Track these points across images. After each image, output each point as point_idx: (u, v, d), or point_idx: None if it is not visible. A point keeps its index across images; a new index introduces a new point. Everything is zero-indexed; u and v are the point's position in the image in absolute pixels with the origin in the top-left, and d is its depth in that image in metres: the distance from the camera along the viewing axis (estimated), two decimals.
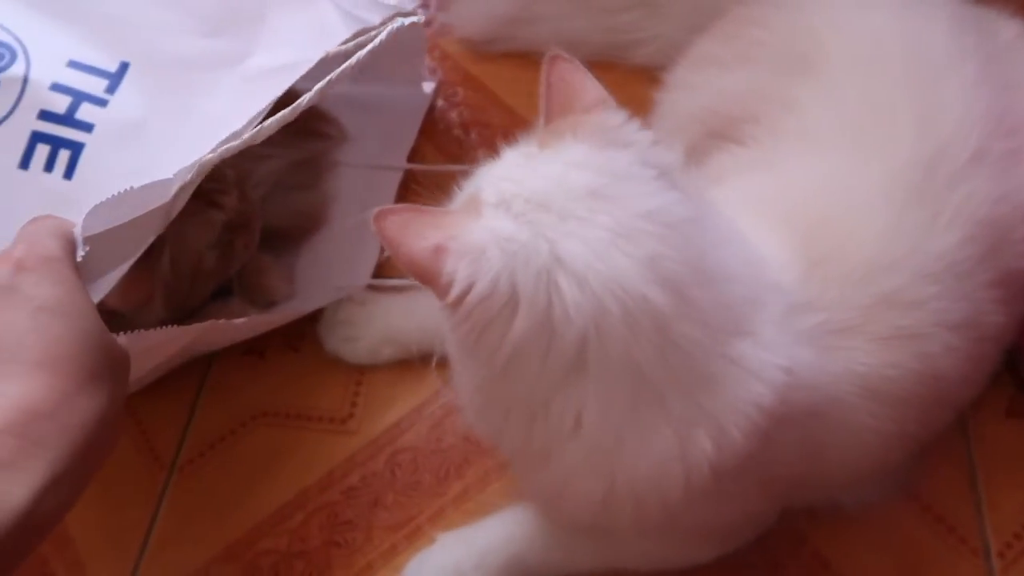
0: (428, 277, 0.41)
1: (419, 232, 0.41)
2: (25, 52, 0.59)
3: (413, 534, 0.65)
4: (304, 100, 0.61)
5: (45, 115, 0.57)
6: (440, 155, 0.87)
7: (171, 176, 0.54)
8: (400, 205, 0.43)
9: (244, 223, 0.69)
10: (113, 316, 0.65)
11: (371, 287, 0.77)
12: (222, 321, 0.63)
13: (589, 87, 0.47)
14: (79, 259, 0.46)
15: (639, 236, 0.42)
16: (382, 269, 0.78)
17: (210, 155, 0.55)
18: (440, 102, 0.91)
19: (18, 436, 0.39)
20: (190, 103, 0.62)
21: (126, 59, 0.62)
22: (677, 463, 0.44)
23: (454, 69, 0.96)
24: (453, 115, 0.92)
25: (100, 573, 0.66)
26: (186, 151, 0.59)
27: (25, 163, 0.57)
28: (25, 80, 0.58)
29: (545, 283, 0.41)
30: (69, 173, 0.57)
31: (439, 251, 0.41)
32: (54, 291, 0.42)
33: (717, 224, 0.47)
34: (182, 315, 0.69)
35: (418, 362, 0.73)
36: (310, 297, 0.76)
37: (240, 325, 0.66)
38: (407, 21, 0.70)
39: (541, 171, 0.44)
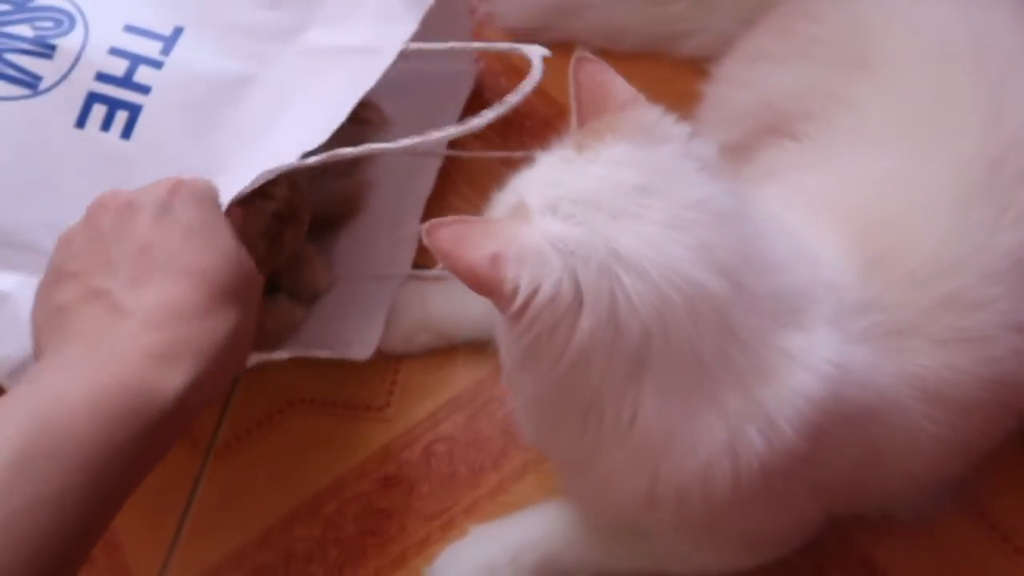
0: (489, 287, 0.41)
1: (474, 243, 0.41)
2: (84, 18, 0.60)
3: (447, 525, 0.65)
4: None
5: (102, 77, 0.59)
6: (480, 143, 0.86)
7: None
8: (450, 218, 0.42)
9: (293, 213, 0.69)
10: None
11: (424, 265, 0.76)
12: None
13: (619, 86, 0.47)
14: None
15: (689, 226, 0.42)
16: (420, 258, 0.77)
17: (284, 165, 0.56)
18: (483, 91, 0.91)
19: (171, 332, 0.44)
20: (244, 70, 0.63)
21: (180, 24, 0.62)
22: (726, 459, 0.43)
23: (497, 58, 0.95)
24: (493, 100, 0.91)
25: (136, 554, 0.67)
26: (242, 116, 0.61)
27: (81, 122, 0.58)
28: (83, 45, 0.59)
29: (607, 279, 0.41)
30: (127, 133, 0.59)
31: (497, 259, 0.40)
32: (200, 214, 0.48)
33: (762, 216, 0.47)
34: None
35: (456, 352, 0.72)
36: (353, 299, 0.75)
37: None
38: None
39: (584, 172, 0.44)
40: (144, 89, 0.59)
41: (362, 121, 0.82)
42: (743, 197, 0.46)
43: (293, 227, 0.69)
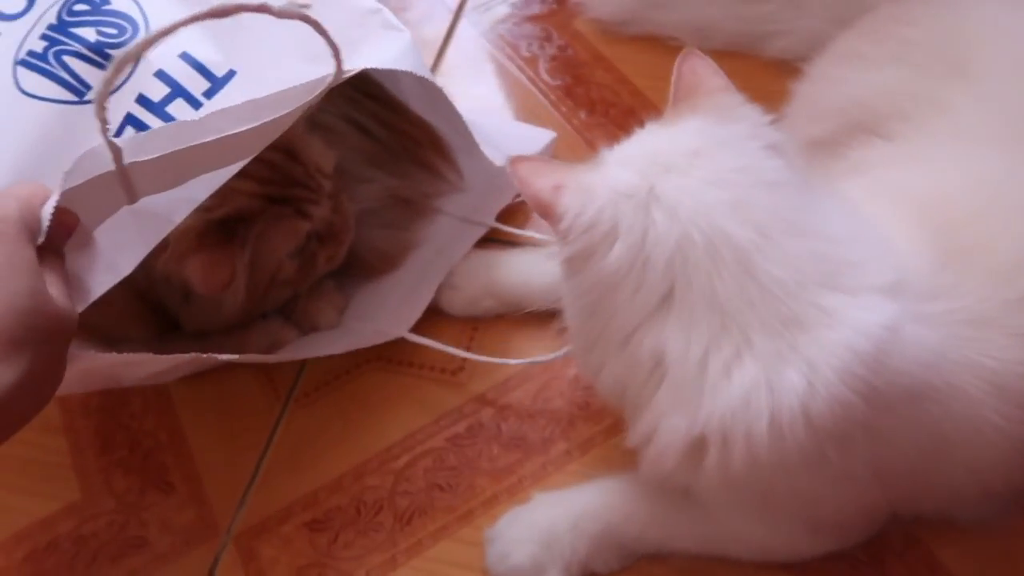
0: (545, 209, 0.49)
1: (545, 174, 0.49)
2: (147, 29, 0.58)
3: (514, 487, 0.67)
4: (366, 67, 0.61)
5: (141, 100, 0.56)
6: (568, 119, 0.88)
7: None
8: (534, 155, 0.51)
9: (332, 235, 0.69)
10: (193, 298, 0.67)
11: (488, 235, 0.79)
12: (205, 356, 0.61)
13: (715, 77, 0.53)
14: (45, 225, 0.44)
15: (729, 184, 0.47)
16: (502, 217, 0.80)
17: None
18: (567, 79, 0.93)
19: None
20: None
21: (235, 68, 0.59)
22: (763, 394, 0.45)
23: (585, 49, 0.97)
24: (580, 91, 0.93)
25: (215, 488, 0.70)
26: None
27: None
28: (137, 60, 0.56)
29: (642, 215, 0.47)
30: None
31: (557, 189, 0.49)
32: None
33: (827, 198, 0.51)
34: (251, 317, 0.71)
35: (529, 322, 0.74)
36: (339, 338, 0.74)
37: (225, 359, 0.63)
38: None
39: (656, 138, 0.51)
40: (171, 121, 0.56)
41: (438, 175, 0.83)
42: (806, 179, 0.50)
43: (330, 248, 0.70)
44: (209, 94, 0.58)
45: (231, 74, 0.59)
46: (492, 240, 0.80)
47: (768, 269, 0.45)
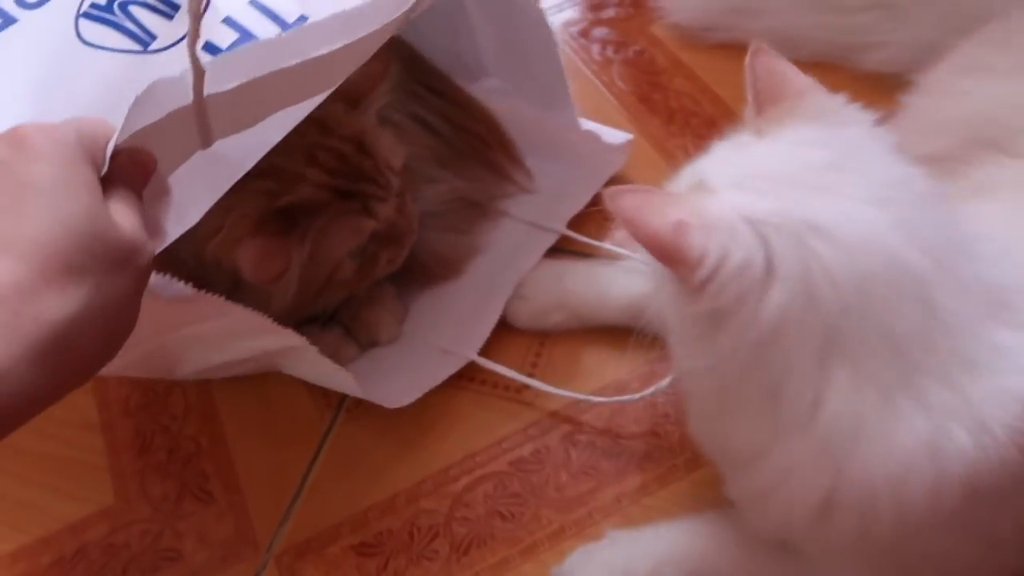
0: (672, 254, 0.39)
1: (657, 210, 0.40)
2: None
3: (583, 521, 0.61)
4: None
5: (208, 47, 0.53)
6: (639, 132, 0.83)
7: None
8: (633, 185, 0.41)
9: (395, 237, 0.65)
10: (242, 289, 0.61)
11: (560, 244, 0.73)
12: (284, 330, 0.55)
13: (797, 75, 0.47)
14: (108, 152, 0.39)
15: (889, 203, 0.40)
16: (573, 225, 0.74)
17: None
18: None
19: None
20: None
21: (307, 13, 0.56)
22: (926, 460, 0.39)
23: (663, 54, 0.92)
24: (657, 98, 0.88)
25: (256, 501, 0.65)
26: None
27: None
28: (206, 8, 0.53)
29: (802, 248, 0.39)
30: None
31: (681, 227, 0.39)
32: (44, 170, 0.36)
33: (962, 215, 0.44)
34: (299, 317, 0.65)
35: (602, 338, 0.69)
36: (402, 365, 0.69)
37: (299, 343, 0.58)
38: None
39: (768, 153, 0.44)
40: None
41: (506, 178, 0.78)
42: (940, 187, 0.44)
43: (391, 251, 0.65)
44: None
45: (302, 19, 0.56)
46: (562, 250, 0.74)
47: (945, 301, 0.39)
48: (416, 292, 0.74)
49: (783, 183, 0.41)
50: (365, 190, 0.62)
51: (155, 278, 0.45)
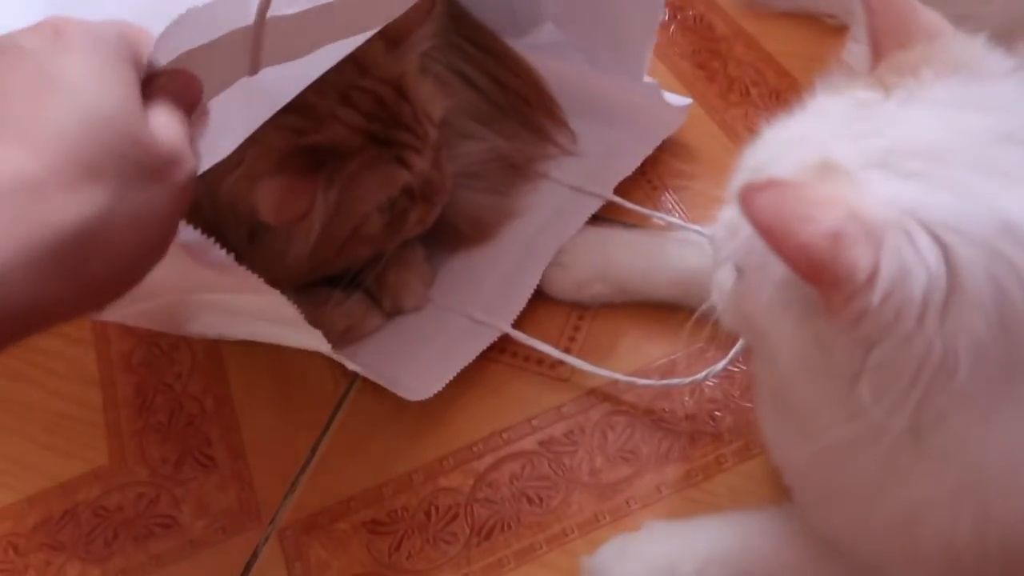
0: (826, 272, 0.30)
1: (804, 214, 0.31)
2: None
3: (619, 510, 0.55)
4: None
5: None
6: (698, 97, 0.77)
7: None
8: (766, 180, 0.32)
9: (428, 194, 0.59)
10: (260, 237, 0.57)
11: (605, 212, 0.67)
12: (290, 303, 0.49)
13: (924, 11, 0.38)
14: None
15: None
16: (621, 190, 0.68)
17: None
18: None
19: None
20: None
21: None
22: None
23: (724, 21, 0.86)
24: (716, 66, 0.82)
25: (262, 469, 0.60)
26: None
27: None
28: None
29: (995, 260, 0.30)
30: None
31: (838, 239, 0.30)
32: (77, 61, 0.32)
33: None
34: (318, 274, 0.60)
35: (645, 314, 0.63)
36: (428, 335, 0.63)
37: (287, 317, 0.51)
38: None
39: (909, 117, 0.35)
40: None
41: (547, 139, 0.73)
42: None
43: (423, 209, 0.60)
44: None
45: None
46: (607, 219, 0.68)
47: None
48: (447, 257, 0.68)
49: (949, 163, 0.32)
50: (401, 138, 0.56)
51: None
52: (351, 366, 0.55)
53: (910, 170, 0.32)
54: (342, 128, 0.53)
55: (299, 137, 0.52)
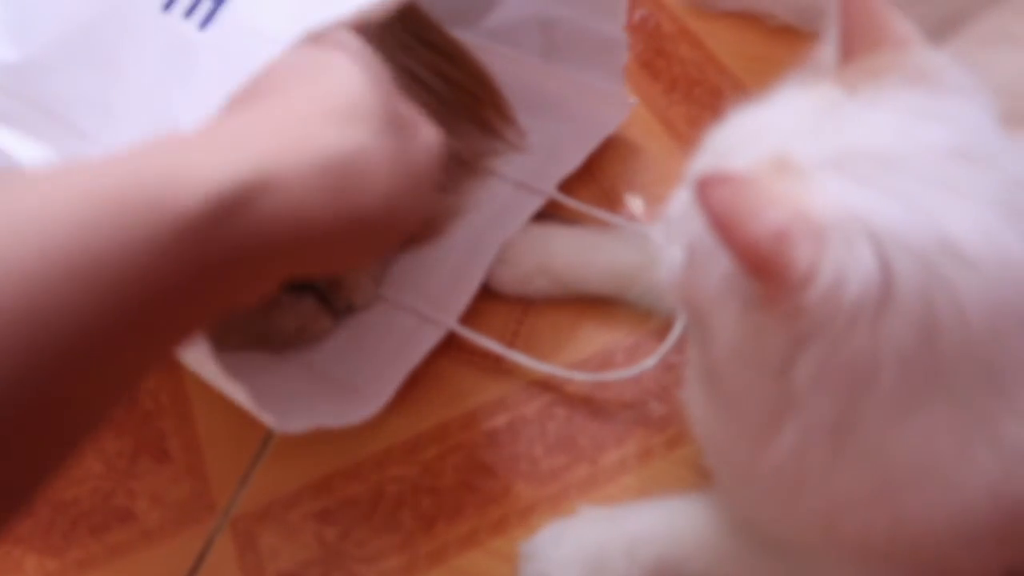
0: (768, 268, 0.32)
1: (756, 210, 0.31)
2: None
3: (557, 497, 0.58)
4: None
5: None
6: (644, 103, 0.79)
7: None
8: (721, 174, 0.32)
9: None
10: None
11: (549, 208, 0.69)
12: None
13: (897, 20, 0.39)
14: None
15: (1018, 209, 0.33)
16: (564, 188, 0.71)
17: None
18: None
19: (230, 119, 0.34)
20: None
21: None
22: (985, 501, 0.35)
23: (670, 20, 0.88)
24: (660, 65, 0.84)
25: (216, 462, 0.62)
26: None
27: (169, 5, 0.49)
28: None
29: (930, 275, 0.31)
30: (204, 24, 0.48)
31: (783, 237, 0.31)
32: (339, 54, 0.37)
33: None
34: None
35: (588, 308, 0.66)
36: (377, 336, 0.65)
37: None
38: None
39: (870, 120, 0.36)
40: None
41: (494, 134, 0.74)
42: None
43: None
44: None
45: None
46: (551, 215, 0.71)
47: None
48: (395, 253, 0.70)
49: (900, 172, 0.33)
50: None
51: None
52: (287, 427, 0.55)
53: (862, 174, 0.33)
54: None
55: None
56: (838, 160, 0.34)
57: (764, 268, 0.32)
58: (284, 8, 0.48)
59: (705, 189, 0.32)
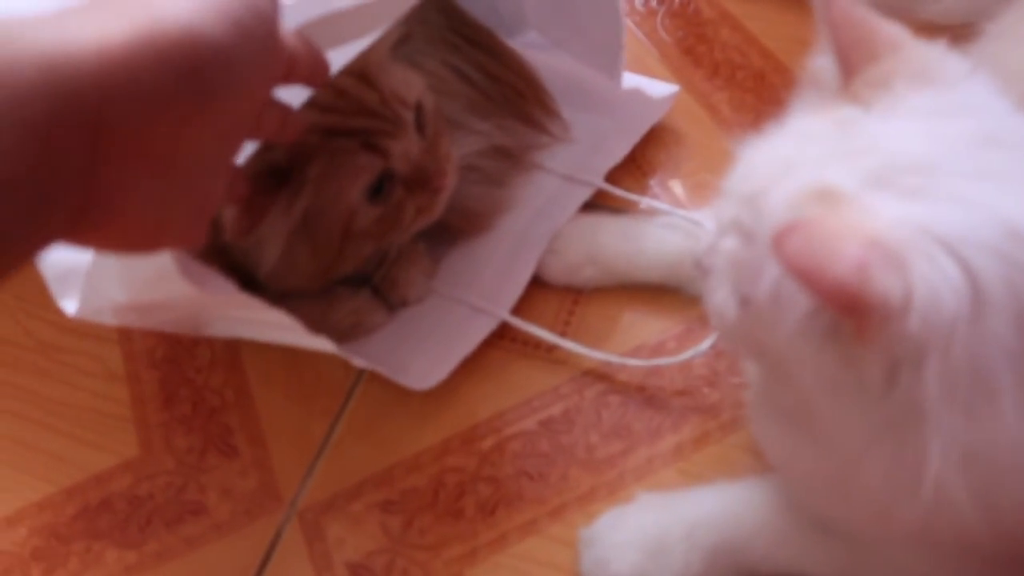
0: (860, 305, 0.31)
1: (832, 248, 0.31)
2: None
3: (614, 483, 0.59)
4: None
5: None
6: (685, 90, 0.79)
7: None
8: (790, 224, 0.32)
9: (423, 181, 0.59)
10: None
11: (596, 199, 0.70)
12: (294, 320, 0.53)
13: (883, 24, 0.39)
14: None
15: None
16: (610, 178, 0.71)
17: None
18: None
19: None
20: None
21: None
22: None
23: (711, 5, 0.88)
24: (702, 50, 0.84)
25: (281, 455, 0.64)
26: None
27: None
28: None
29: (1008, 265, 0.31)
30: None
31: (864, 268, 0.30)
32: None
33: None
34: (329, 278, 0.63)
35: (637, 296, 0.67)
36: (430, 326, 0.66)
37: (307, 340, 0.55)
38: None
39: (895, 131, 0.36)
40: None
41: (538, 127, 0.75)
42: None
43: (421, 198, 0.60)
44: None
45: None
46: (598, 205, 0.72)
47: None
48: (446, 249, 0.71)
49: (943, 174, 0.33)
50: (364, 125, 0.57)
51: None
52: (356, 361, 0.59)
53: (909, 186, 0.33)
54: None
55: (265, 154, 0.52)
56: (878, 178, 0.34)
57: (856, 305, 0.31)
58: None
59: (781, 243, 0.32)
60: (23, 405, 0.68)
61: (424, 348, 0.65)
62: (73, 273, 0.52)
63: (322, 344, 0.56)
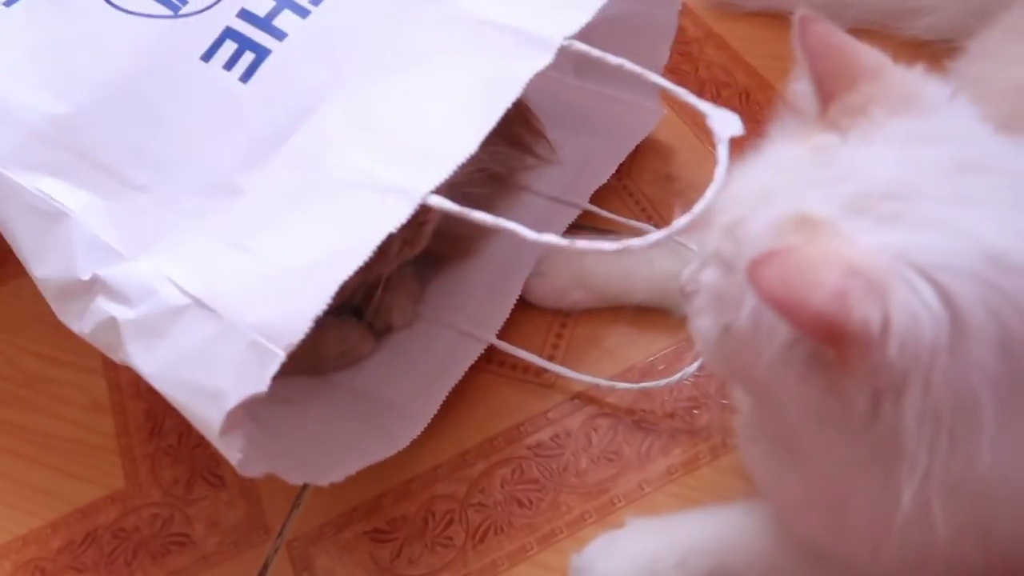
0: (839, 334, 0.30)
1: (810, 278, 0.30)
2: None
3: (605, 508, 0.58)
4: None
5: (244, 14, 0.53)
6: (671, 104, 0.79)
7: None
8: (769, 251, 0.32)
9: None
10: None
11: (582, 220, 0.70)
12: None
13: (861, 50, 0.39)
14: None
15: None
16: (596, 199, 0.71)
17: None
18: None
19: None
20: (386, 29, 0.55)
21: None
22: None
23: (694, 23, 0.88)
24: (686, 69, 0.84)
25: (268, 485, 0.63)
26: (369, 77, 0.53)
27: (208, 56, 0.52)
28: None
29: (987, 290, 0.31)
30: (246, 77, 0.52)
31: (843, 297, 0.30)
32: None
33: None
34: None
35: (625, 317, 0.66)
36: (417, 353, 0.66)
37: None
38: None
39: (871, 158, 0.35)
40: (280, 35, 0.53)
41: (527, 151, 0.73)
42: None
43: (406, 231, 0.57)
44: (317, 1, 0.54)
45: None
46: (584, 227, 0.71)
47: None
48: (433, 273, 0.71)
49: (921, 200, 0.33)
50: None
51: None
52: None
53: (887, 213, 0.33)
54: None
55: None
56: (856, 205, 0.33)
57: (835, 334, 0.30)
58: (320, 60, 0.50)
59: (757, 273, 0.31)
60: (7, 438, 0.67)
61: (414, 379, 0.64)
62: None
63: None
